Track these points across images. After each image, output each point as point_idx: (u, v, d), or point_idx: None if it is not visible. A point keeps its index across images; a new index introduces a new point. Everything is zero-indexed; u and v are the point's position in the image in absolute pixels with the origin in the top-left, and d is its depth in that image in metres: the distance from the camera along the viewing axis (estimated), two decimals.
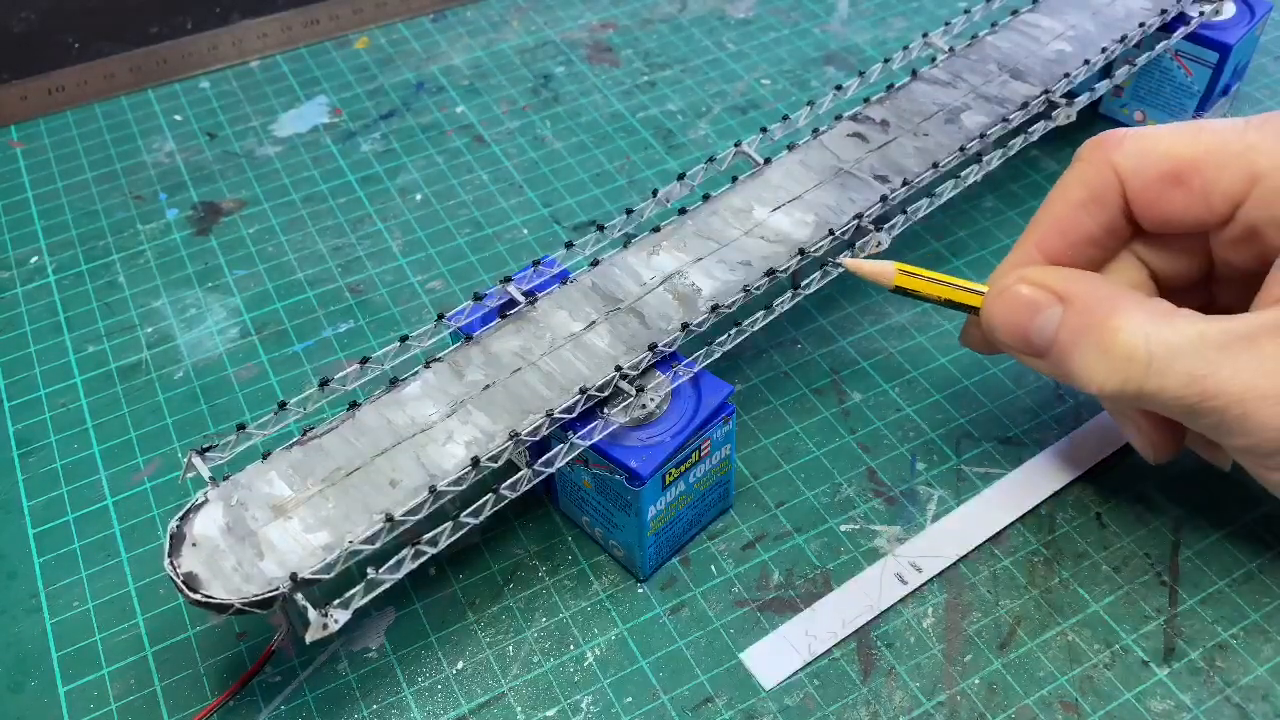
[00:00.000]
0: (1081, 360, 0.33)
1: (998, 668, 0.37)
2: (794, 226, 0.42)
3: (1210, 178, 0.34)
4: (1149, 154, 0.35)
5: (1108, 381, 0.32)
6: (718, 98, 0.61)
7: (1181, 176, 0.34)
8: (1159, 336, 0.32)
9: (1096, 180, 0.36)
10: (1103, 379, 0.33)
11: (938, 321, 0.48)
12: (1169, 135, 0.35)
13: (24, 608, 0.40)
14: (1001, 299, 0.35)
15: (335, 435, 0.36)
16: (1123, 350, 0.32)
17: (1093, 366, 0.33)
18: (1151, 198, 0.35)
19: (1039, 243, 0.37)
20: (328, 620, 0.32)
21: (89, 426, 0.46)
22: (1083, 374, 0.33)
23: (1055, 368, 0.34)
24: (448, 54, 0.65)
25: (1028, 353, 0.35)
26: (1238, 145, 0.34)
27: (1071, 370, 0.33)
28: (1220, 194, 0.34)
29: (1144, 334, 0.32)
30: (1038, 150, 0.56)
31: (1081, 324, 0.33)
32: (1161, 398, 0.32)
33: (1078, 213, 0.36)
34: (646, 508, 0.36)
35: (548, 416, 0.36)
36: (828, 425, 0.45)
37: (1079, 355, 0.33)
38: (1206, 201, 0.34)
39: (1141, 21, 0.51)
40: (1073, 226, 0.36)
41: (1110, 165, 0.35)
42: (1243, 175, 0.33)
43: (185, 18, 0.66)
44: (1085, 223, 0.36)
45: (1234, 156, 0.34)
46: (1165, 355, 0.31)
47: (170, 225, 0.55)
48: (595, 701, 0.37)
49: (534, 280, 0.41)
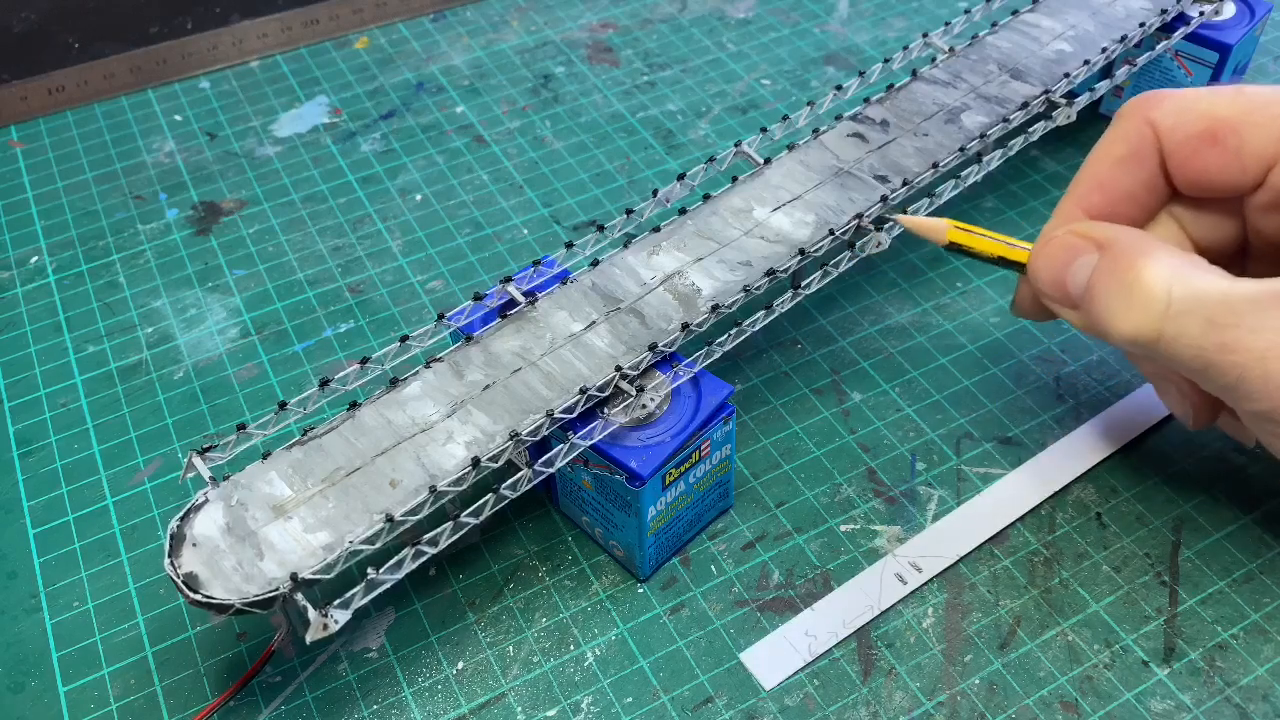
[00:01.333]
0: (1105, 302, 0.33)
1: (998, 668, 0.37)
2: (794, 226, 0.42)
3: (1245, 137, 0.34)
4: (1187, 111, 0.35)
5: (1126, 324, 0.32)
6: (718, 98, 0.61)
7: (1217, 135, 0.34)
8: (1183, 282, 0.31)
9: (1135, 136, 0.36)
10: (1122, 321, 0.32)
11: (938, 322, 0.48)
12: (1208, 95, 0.35)
13: (24, 608, 0.40)
14: (1045, 249, 0.35)
15: (335, 435, 0.36)
16: (1145, 291, 0.31)
17: (1115, 309, 0.32)
18: (1186, 155, 0.35)
19: (1080, 200, 0.37)
20: (328, 620, 0.32)
21: (89, 426, 0.46)
22: (1105, 316, 0.33)
23: (1086, 316, 0.34)
24: (448, 54, 0.65)
25: (1065, 303, 0.35)
26: (1276, 108, 0.34)
27: (1098, 314, 0.33)
28: (1254, 154, 0.34)
29: (1168, 277, 0.31)
30: (1038, 150, 0.56)
31: (1112, 267, 0.33)
32: (1177, 347, 0.31)
33: (1117, 169, 0.36)
34: (646, 508, 0.36)
35: (548, 416, 0.36)
36: (828, 425, 0.45)
37: (1104, 297, 0.33)
38: (1240, 162, 0.34)
39: (1142, 21, 0.51)
40: (1112, 183, 0.36)
41: (1149, 121, 0.35)
42: (1277, 137, 0.33)
43: (185, 18, 0.66)
44: (1124, 180, 0.36)
45: (1271, 118, 0.33)
46: (1187, 301, 0.31)
47: (170, 225, 0.55)
48: (595, 702, 0.37)
49: (534, 280, 0.41)
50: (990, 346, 0.47)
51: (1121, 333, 0.32)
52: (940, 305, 0.49)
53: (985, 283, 0.50)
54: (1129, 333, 0.32)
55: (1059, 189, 0.55)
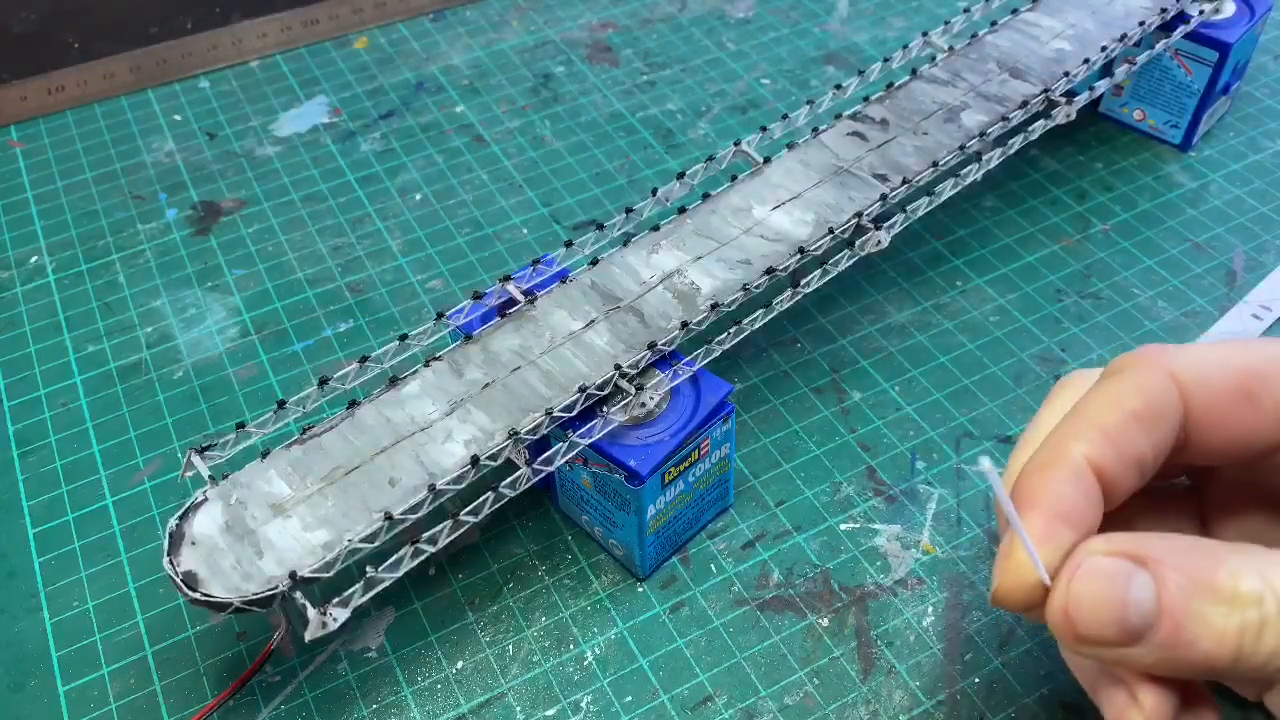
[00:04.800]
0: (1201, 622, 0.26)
1: (997, 667, 0.37)
2: (793, 225, 0.42)
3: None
4: (1213, 363, 0.29)
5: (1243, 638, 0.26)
6: (717, 97, 0.61)
7: (1252, 392, 0.29)
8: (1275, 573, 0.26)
9: (1156, 390, 0.29)
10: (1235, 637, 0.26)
11: (938, 320, 0.48)
12: (1225, 347, 0.30)
13: (24, 607, 0.40)
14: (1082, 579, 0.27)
15: (334, 434, 0.36)
16: (1250, 595, 0.26)
17: (1219, 624, 0.26)
18: (1220, 415, 0.29)
19: (1092, 455, 0.28)
20: (327, 619, 0.32)
21: (89, 426, 0.45)
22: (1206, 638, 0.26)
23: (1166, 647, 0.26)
24: (447, 54, 0.65)
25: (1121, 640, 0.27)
26: None
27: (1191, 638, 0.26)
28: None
29: (1259, 574, 0.26)
30: (1037, 149, 0.56)
31: (1188, 580, 0.26)
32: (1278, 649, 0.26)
33: (1133, 425, 0.29)
34: (646, 506, 0.36)
35: (547, 415, 0.36)
36: (827, 424, 0.44)
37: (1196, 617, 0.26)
38: (1277, 421, 0.29)
39: (1141, 20, 0.51)
40: (1127, 441, 0.29)
41: (1169, 375, 0.29)
42: None
43: (185, 18, 0.66)
44: (1139, 440, 0.29)
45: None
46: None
47: (170, 225, 0.55)
48: (595, 701, 0.37)
49: (533, 279, 0.41)
50: (990, 345, 0.47)
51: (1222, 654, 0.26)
52: (940, 304, 0.49)
53: (985, 282, 0.50)
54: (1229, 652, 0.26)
55: (1058, 187, 0.55)
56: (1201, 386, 0.29)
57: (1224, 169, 0.55)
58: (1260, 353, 0.29)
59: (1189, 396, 0.29)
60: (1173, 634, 0.26)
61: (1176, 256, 0.51)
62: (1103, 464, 0.28)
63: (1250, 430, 0.29)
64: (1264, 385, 0.29)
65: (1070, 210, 0.53)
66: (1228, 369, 0.29)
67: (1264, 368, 0.29)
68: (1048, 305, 0.49)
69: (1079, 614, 0.27)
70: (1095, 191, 0.54)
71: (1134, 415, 0.29)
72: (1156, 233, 0.52)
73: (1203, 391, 0.29)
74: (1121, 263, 0.51)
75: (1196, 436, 0.30)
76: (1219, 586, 0.26)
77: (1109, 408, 0.29)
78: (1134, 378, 0.29)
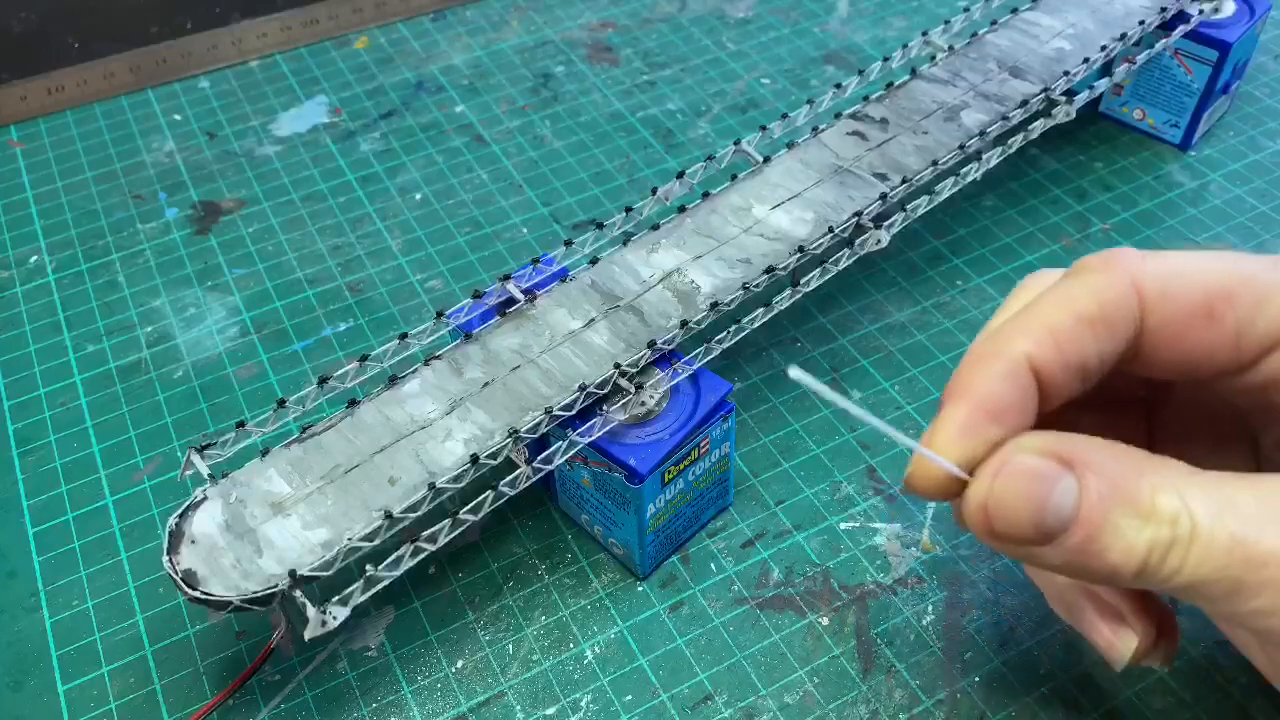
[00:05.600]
0: (1114, 533, 0.26)
1: (998, 665, 0.37)
2: (793, 224, 0.42)
3: (1243, 314, 0.28)
4: (1180, 276, 0.28)
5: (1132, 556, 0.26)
6: (717, 97, 0.61)
7: (1214, 311, 0.28)
8: (1202, 495, 0.26)
9: (1111, 296, 0.28)
10: (1144, 552, 0.26)
11: (938, 320, 0.48)
12: (1198, 261, 0.29)
13: (24, 607, 0.40)
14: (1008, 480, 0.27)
15: (334, 433, 0.36)
16: (1165, 513, 0.26)
17: (1130, 538, 0.26)
18: (1177, 332, 0.28)
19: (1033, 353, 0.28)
20: (326, 617, 0.32)
21: (88, 426, 0.45)
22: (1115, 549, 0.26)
23: (1075, 552, 0.26)
24: (447, 54, 0.65)
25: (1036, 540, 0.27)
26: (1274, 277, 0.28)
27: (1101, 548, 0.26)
28: (1255, 336, 0.28)
29: (1179, 493, 0.26)
30: (1037, 148, 0.56)
31: (1110, 489, 0.26)
32: (1202, 570, 0.26)
33: (1083, 329, 0.28)
34: (646, 505, 0.36)
35: (547, 414, 0.36)
36: (827, 423, 0.44)
37: (1110, 527, 0.26)
38: (1236, 341, 0.28)
39: (1141, 19, 0.51)
40: (1073, 345, 0.28)
41: (1132, 283, 0.28)
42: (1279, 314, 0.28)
43: (185, 18, 0.66)
44: (1087, 345, 0.28)
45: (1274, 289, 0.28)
46: (1210, 516, 0.26)
47: (170, 225, 0.55)
48: (595, 700, 0.37)
49: (533, 278, 0.41)
50: None
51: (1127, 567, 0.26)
52: (940, 303, 0.49)
53: (985, 281, 0.50)
54: (1134, 566, 0.26)
55: (1058, 187, 0.55)
56: (1164, 300, 0.28)
57: (1224, 168, 0.55)
58: (1234, 269, 0.28)
59: (1149, 309, 0.28)
60: (1085, 542, 0.26)
61: None
62: (1042, 364, 0.28)
63: (1206, 349, 0.28)
64: (1228, 305, 0.28)
65: (1070, 209, 0.53)
66: (1195, 284, 0.28)
67: (1233, 286, 0.28)
68: None
69: (998, 512, 0.27)
70: (1095, 191, 0.54)
71: (1086, 319, 0.28)
72: (1156, 232, 0.52)
73: (1164, 306, 0.28)
74: None
75: (1150, 350, 0.29)
76: (1138, 500, 0.26)
77: (1061, 308, 0.28)
78: (1094, 280, 0.28)
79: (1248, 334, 0.28)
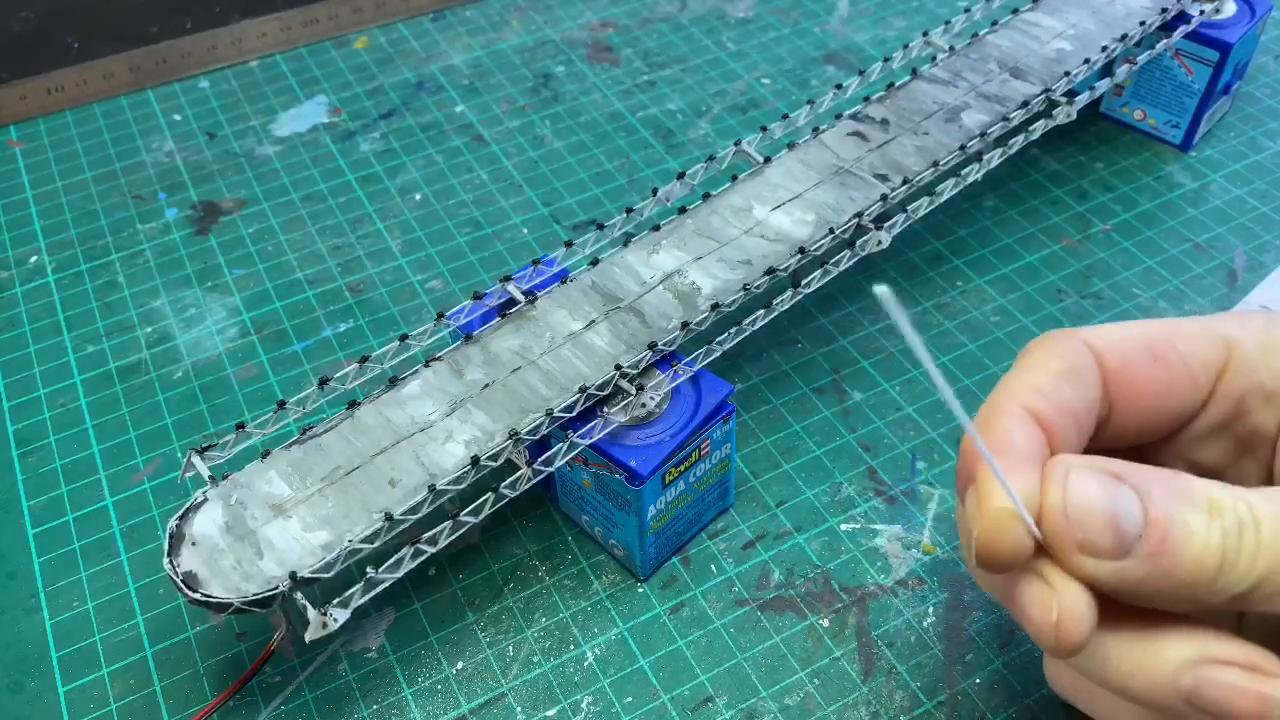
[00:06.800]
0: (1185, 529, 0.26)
1: (998, 667, 0.37)
2: (794, 225, 0.42)
3: (1186, 349, 0.31)
4: (1118, 330, 0.31)
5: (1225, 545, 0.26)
6: (718, 97, 0.61)
7: (1157, 351, 0.31)
8: (1242, 492, 0.26)
9: (1071, 352, 0.30)
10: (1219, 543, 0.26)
11: (939, 320, 0.48)
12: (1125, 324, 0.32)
13: (24, 608, 0.40)
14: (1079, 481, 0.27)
15: (334, 434, 0.36)
16: (1225, 503, 0.26)
17: (1202, 532, 0.26)
18: (1133, 372, 0.30)
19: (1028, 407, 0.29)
20: (327, 619, 0.32)
21: (89, 426, 0.45)
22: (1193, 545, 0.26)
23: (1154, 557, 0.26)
24: (447, 54, 0.65)
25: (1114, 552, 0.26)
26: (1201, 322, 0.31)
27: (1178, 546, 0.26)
28: (1200, 363, 0.30)
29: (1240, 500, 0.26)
30: (1038, 149, 0.56)
31: (1169, 491, 0.26)
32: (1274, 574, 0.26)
33: (1060, 381, 0.30)
34: (646, 507, 0.36)
35: (547, 415, 0.36)
36: (828, 424, 0.44)
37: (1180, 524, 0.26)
38: (1189, 373, 0.30)
39: (1142, 20, 0.51)
40: (1057, 394, 0.30)
41: (1081, 341, 0.31)
42: (1216, 342, 0.31)
43: (185, 18, 0.66)
44: (1069, 393, 0.30)
45: (1203, 328, 0.31)
46: (1266, 502, 0.26)
47: (170, 225, 0.55)
48: (595, 701, 0.37)
49: (533, 279, 0.41)
50: (991, 345, 0.47)
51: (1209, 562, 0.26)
52: (941, 304, 0.49)
53: (986, 282, 0.50)
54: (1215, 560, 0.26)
55: (1059, 187, 0.55)
56: (1110, 347, 0.31)
57: (1224, 169, 0.55)
58: (1155, 324, 0.31)
59: (1102, 357, 0.31)
60: (1160, 542, 0.26)
61: (1177, 256, 0.51)
62: (1040, 411, 0.29)
63: (1164, 388, 0.31)
64: (1165, 345, 0.31)
65: (1071, 210, 0.53)
66: (1132, 335, 0.31)
67: (1162, 332, 0.31)
68: (1048, 305, 0.49)
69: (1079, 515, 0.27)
70: (1096, 191, 0.54)
71: (1059, 373, 0.30)
72: (1157, 233, 0.52)
73: (1113, 351, 0.31)
74: (1122, 263, 0.51)
75: (1120, 393, 0.31)
76: (1195, 497, 0.27)
77: (1035, 370, 0.30)
78: (1051, 345, 0.31)
79: (1195, 366, 0.30)
